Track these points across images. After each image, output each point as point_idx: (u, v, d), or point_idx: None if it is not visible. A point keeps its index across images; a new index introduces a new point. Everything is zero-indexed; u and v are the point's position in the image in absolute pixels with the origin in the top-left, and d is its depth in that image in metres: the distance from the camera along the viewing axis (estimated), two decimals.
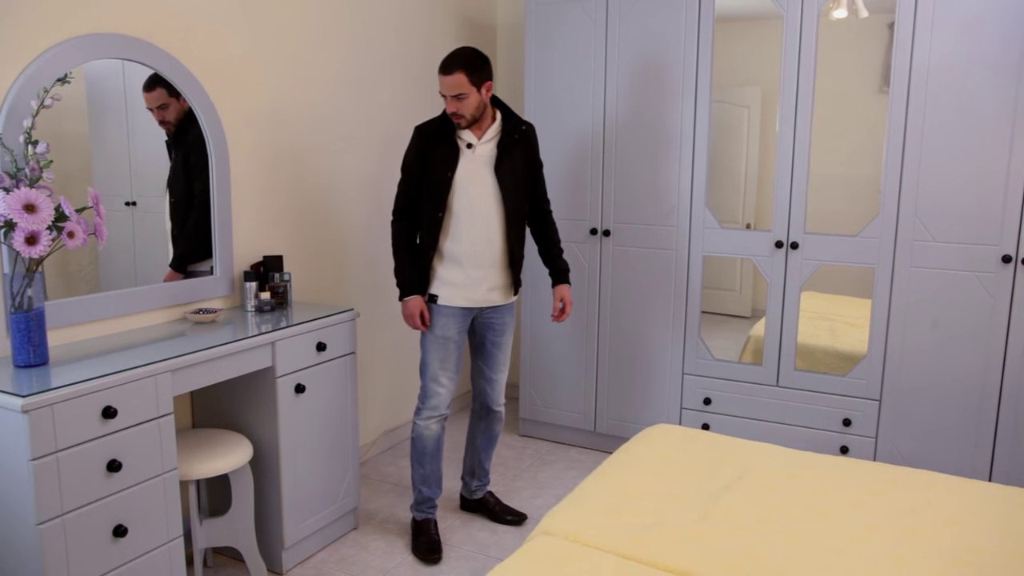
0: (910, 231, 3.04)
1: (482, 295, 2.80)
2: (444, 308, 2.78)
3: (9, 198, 1.91)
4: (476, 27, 4.21)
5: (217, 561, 2.76)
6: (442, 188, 2.70)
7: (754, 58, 3.55)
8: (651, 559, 1.79)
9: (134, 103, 2.53)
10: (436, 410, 2.85)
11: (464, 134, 2.72)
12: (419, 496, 2.92)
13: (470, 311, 2.83)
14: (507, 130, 2.76)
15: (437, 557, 2.79)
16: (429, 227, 2.74)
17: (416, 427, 2.87)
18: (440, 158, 2.71)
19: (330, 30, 3.23)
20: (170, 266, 2.68)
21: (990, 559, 1.79)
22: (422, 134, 2.77)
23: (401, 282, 2.77)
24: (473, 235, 2.73)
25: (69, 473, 1.92)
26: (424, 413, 2.85)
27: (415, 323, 2.76)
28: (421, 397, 2.87)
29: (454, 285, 2.76)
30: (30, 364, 2.05)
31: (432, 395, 2.84)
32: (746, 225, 3.61)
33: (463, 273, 2.76)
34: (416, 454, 2.89)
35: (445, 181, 2.70)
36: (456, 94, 2.61)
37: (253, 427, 2.63)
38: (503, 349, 2.93)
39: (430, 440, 2.86)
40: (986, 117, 2.87)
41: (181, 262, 2.71)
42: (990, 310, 2.96)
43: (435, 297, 2.78)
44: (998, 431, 3.01)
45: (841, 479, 2.20)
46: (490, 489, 3.20)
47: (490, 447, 3.09)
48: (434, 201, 2.71)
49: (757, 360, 3.42)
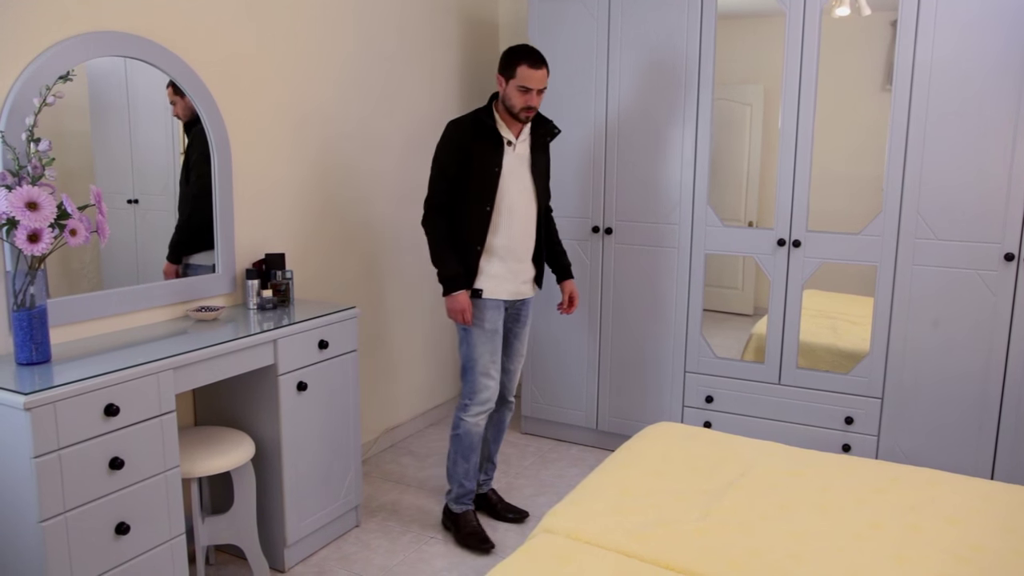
0: (912, 229, 3.04)
1: (519, 288, 2.86)
2: (490, 301, 2.81)
3: (11, 196, 1.91)
4: (478, 25, 4.20)
5: (219, 559, 2.76)
6: (490, 183, 2.72)
7: (756, 56, 3.54)
8: (653, 557, 1.79)
9: (136, 101, 2.53)
10: (486, 404, 2.87)
11: (504, 131, 2.75)
12: (461, 490, 2.93)
13: (508, 303, 2.88)
14: (541, 130, 2.85)
15: (490, 546, 2.83)
16: (475, 222, 2.74)
17: (464, 423, 2.87)
18: (484, 154, 2.72)
19: (333, 27, 3.23)
20: (167, 258, 2.68)
21: (992, 557, 1.79)
22: (460, 129, 2.76)
23: (447, 277, 2.75)
24: (514, 230, 2.78)
25: (71, 471, 1.92)
26: (473, 409, 2.85)
27: (464, 318, 2.76)
28: (469, 393, 2.86)
29: (497, 278, 2.80)
30: (32, 362, 2.06)
31: (483, 389, 2.84)
32: (748, 223, 3.61)
33: (505, 266, 2.80)
34: (463, 449, 2.90)
35: (493, 176, 2.72)
36: (541, 88, 2.70)
37: (255, 425, 2.63)
38: (523, 340, 3.00)
39: (477, 435, 2.90)
40: (989, 115, 2.87)
41: (176, 251, 2.69)
42: (992, 308, 2.95)
43: (479, 292, 2.79)
44: (1000, 429, 3.00)
45: (843, 477, 2.20)
46: (492, 486, 3.20)
47: (499, 438, 3.12)
48: (481, 196, 2.73)
49: (759, 358, 3.42)
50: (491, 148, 2.73)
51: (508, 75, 2.69)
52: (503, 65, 2.71)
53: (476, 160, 2.72)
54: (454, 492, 2.95)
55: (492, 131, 2.73)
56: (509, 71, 2.69)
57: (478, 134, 2.73)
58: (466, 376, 2.87)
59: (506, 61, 2.70)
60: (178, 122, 2.65)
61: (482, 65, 4.27)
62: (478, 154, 2.72)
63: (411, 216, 3.81)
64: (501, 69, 2.72)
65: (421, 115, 3.82)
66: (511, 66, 2.68)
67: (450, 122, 2.81)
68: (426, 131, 3.85)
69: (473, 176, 2.73)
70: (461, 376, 2.91)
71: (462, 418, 2.88)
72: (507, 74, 2.69)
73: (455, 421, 2.91)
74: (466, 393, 2.87)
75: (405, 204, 3.75)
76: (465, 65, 4.12)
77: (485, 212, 2.73)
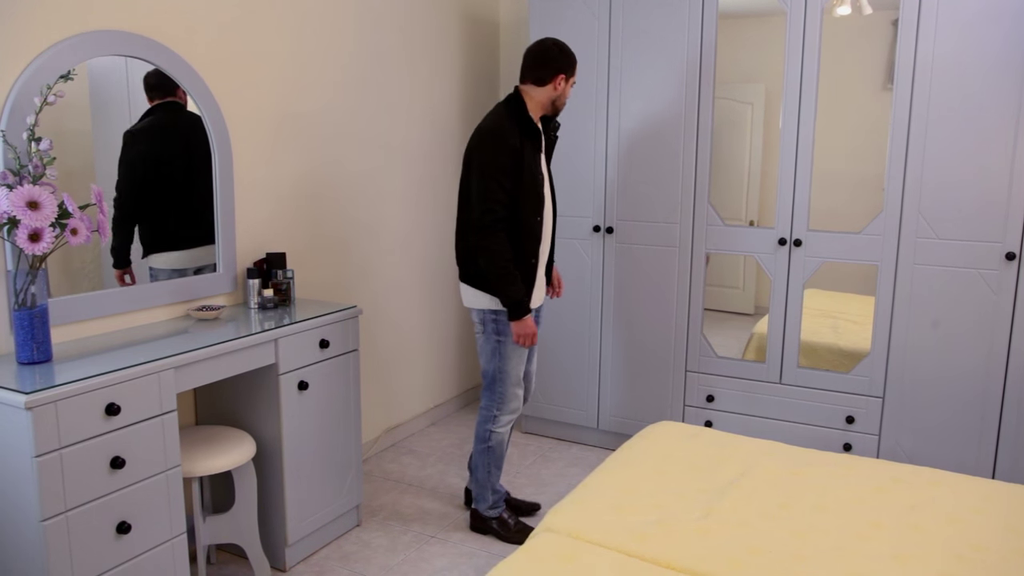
0: (914, 228, 3.03)
1: (543, 292, 2.86)
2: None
3: (12, 195, 1.91)
4: (480, 24, 4.20)
5: (220, 558, 2.77)
6: (539, 190, 2.64)
7: (757, 55, 3.54)
8: (654, 556, 1.79)
9: (137, 100, 2.52)
10: (516, 413, 2.88)
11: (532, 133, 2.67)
12: (496, 496, 2.94)
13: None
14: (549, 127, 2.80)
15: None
16: (529, 233, 2.65)
17: (496, 435, 2.86)
18: (529, 159, 2.61)
19: (334, 27, 3.23)
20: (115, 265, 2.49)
21: (993, 556, 1.79)
22: (512, 135, 2.58)
23: (517, 300, 2.62)
24: (546, 235, 2.77)
25: (72, 470, 1.92)
26: (503, 419, 2.85)
27: (533, 341, 2.69)
28: (498, 404, 2.82)
29: (538, 288, 2.78)
30: (33, 361, 2.06)
31: (513, 399, 2.83)
32: (749, 222, 3.61)
33: (538, 275, 2.76)
34: (495, 460, 2.89)
35: (540, 183, 2.66)
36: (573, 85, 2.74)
37: (256, 424, 2.63)
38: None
39: (506, 443, 2.92)
40: (990, 114, 2.86)
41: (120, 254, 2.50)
42: (993, 307, 2.95)
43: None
44: (1001, 429, 3.00)
45: (844, 476, 2.20)
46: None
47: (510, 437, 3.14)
48: (533, 205, 2.63)
49: (760, 357, 3.42)
50: (534, 152, 2.65)
51: (570, 73, 2.68)
52: (566, 64, 2.66)
53: (526, 167, 2.59)
54: (490, 500, 2.92)
55: (536, 134, 2.65)
56: (571, 70, 2.68)
57: (525, 138, 2.61)
58: (495, 388, 2.81)
59: (568, 60, 2.67)
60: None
61: (483, 65, 4.27)
62: (527, 160, 2.60)
63: (412, 215, 3.81)
64: (563, 68, 2.66)
65: (422, 114, 3.82)
66: (573, 65, 2.68)
67: (497, 128, 2.60)
68: (427, 130, 3.86)
69: (524, 185, 2.59)
70: (487, 388, 2.84)
71: (492, 430, 2.85)
72: (569, 72, 2.68)
73: (484, 434, 2.86)
74: (495, 405, 2.83)
75: (406, 203, 3.76)
76: (466, 64, 4.12)
77: (536, 222, 2.65)
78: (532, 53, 2.70)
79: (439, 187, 3.99)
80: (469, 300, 2.77)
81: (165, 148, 2.66)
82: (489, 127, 2.63)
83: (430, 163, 3.91)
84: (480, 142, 2.63)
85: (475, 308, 2.77)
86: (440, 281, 4.09)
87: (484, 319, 2.76)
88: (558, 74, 2.66)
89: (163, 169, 2.65)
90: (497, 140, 2.58)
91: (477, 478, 2.92)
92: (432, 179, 3.94)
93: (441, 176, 4.00)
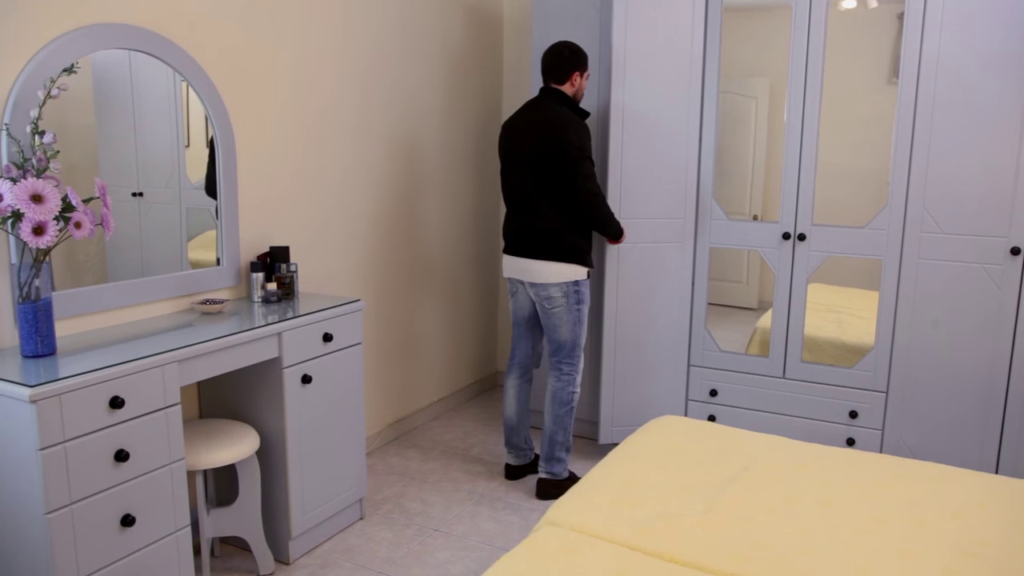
0: (918, 223, 3.02)
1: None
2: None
3: (16, 188, 1.91)
4: (483, 19, 4.19)
5: (224, 551, 2.78)
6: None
7: (762, 49, 3.53)
8: (656, 550, 1.80)
9: (141, 94, 2.52)
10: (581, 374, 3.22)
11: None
12: (569, 455, 3.22)
13: None
14: None
15: None
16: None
17: (576, 396, 3.17)
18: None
19: (337, 21, 3.22)
20: None
21: (997, 551, 1.79)
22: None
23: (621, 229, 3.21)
24: None
25: (77, 463, 1.92)
26: (579, 380, 3.17)
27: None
28: (576, 368, 3.15)
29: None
30: (38, 354, 2.06)
31: (582, 360, 3.19)
32: (753, 216, 3.60)
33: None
34: (573, 420, 3.21)
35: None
36: None
37: (260, 417, 2.63)
38: None
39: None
40: (995, 108, 2.85)
41: None
42: (998, 302, 2.95)
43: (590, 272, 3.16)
44: (1005, 424, 3.00)
45: (847, 471, 2.20)
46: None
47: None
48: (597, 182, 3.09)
49: (763, 352, 3.41)
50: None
51: (584, 69, 3.10)
52: (578, 63, 3.07)
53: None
54: (566, 459, 3.19)
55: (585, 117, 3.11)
56: (584, 66, 3.10)
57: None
58: (575, 353, 3.14)
59: (580, 59, 3.07)
60: (183, 115, 2.64)
61: (486, 59, 4.27)
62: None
63: (415, 209, 3.81)
64: (577, 66, 3.06)
65: (425, 109, 3.81)
66: (585, 62, 3.10)
67: (580, 119, 3.02)
68: (430, 125, 3.85)
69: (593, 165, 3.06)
70: (567, 356, 3.13)
71: (574, 391, 3.16)
72: (583, 69, 3.09)
73: (568, 397, 3.14)
74: (575, 368, 3.15)
75: (409, 197, 3.75)
76: (470, 59, 4.11)
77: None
78: (548, 58, 3.08)
79: (444, 180, 3.98)
80: (551, 276, 3.04)
81: None
82: (567, 118, 2.99)
83: (436, 156, 3.91)
84: (565, 131, 2.95)
85: (558, 283, 3.04)
86: (446, 275, 4.09)
87: (567, 291, 3.06)
88: (573, 72, 3.07)
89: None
90: (583, 128, 2.99)
91: (558, 441, 3.15)
92: (437, 173, 3.93)
93: (446, 169, 3.99)
